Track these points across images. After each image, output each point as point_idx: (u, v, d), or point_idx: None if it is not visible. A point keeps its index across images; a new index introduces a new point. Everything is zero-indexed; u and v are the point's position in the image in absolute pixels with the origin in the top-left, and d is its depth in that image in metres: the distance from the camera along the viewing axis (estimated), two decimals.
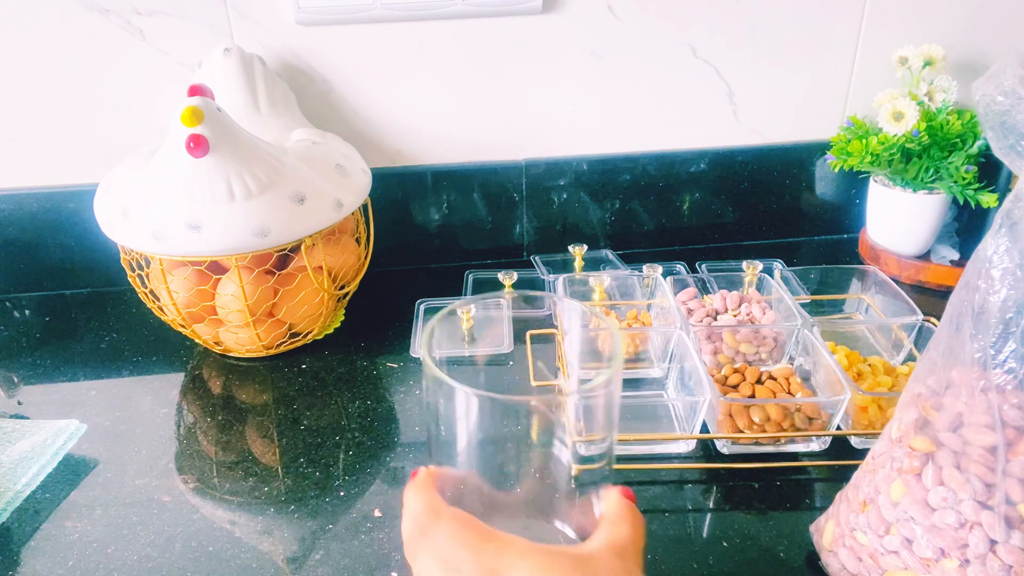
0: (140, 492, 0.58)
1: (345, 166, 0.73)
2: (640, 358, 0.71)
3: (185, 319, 0.71)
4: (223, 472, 0.60)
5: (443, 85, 0.84)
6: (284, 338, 0.74)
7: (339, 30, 0.80)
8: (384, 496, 0.57)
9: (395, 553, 0.52)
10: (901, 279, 0.84)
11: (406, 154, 0.88)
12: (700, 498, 0.56)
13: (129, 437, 0.64)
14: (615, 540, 0.35)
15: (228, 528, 0.55)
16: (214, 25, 0.79)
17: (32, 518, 0.56)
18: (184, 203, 0.63)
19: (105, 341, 0.79)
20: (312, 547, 0.53)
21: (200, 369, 0.74)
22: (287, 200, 0.65)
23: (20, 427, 0.64)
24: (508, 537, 0.33)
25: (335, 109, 0.85)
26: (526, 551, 0.32)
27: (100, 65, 0.80)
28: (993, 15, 0.85)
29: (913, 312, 0.68)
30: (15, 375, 0.70)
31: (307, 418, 0.66)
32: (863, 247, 0.90)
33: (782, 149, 0.91)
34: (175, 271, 0.70)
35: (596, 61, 0.84)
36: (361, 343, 0.76)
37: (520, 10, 0.80)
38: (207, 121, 0.62)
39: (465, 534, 0.33)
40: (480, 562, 0.32)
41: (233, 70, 0.75)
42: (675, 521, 0.54)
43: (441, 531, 0.33)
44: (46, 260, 0.87)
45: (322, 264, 0.72)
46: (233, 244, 0.64)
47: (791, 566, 0.50)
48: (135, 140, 0.82)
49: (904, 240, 0.84)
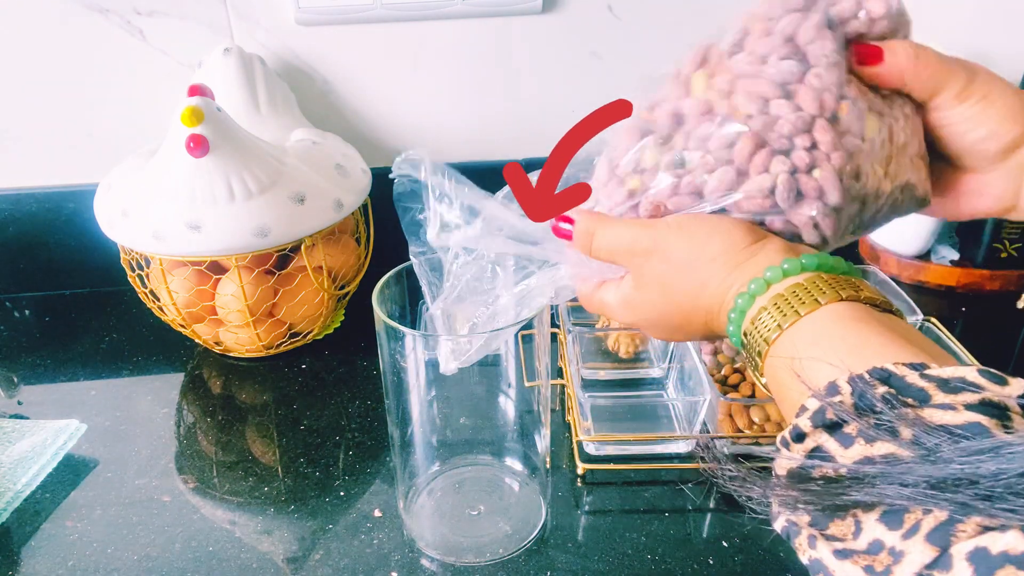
0: (140, 492, 0.58)
1: (345, 166, 0.73)
2: (640, 358, 0.71)
3: (185, 319, 0.71)
4: (223, 472, 0.60)
5: (443, 85, 0.84)
6: (284, 338, 0.74)
7: (339, 30, 0.80)
8: (384, 496, 0.57)
9: (395, 553, 0.52)
10: (901, 279, 0.84)
11: None
12: (700, 498, 0.56)
13: (129, 437, 0.64)
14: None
15: (228, 528, 0.55)
16: (214, 25, 0.79)
17: (32, 518, 0.56)
18: (184, 203, 0.63)
19: (105, 341, 0.79)
20: (312, 547, 0.53)
21: (200, 369, 0.74)
22: (287, 200, 0.65)
23: (20, 427, 0.64)
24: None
25: (335, 109, 0.85)
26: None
27: (100, 65, 0.80)
28: (993, 15, 0.85)
29: (913, 312, 0.68)
30: (15, 375, 0.70)
31: (307, 418, 0.66)
32: (863, 247, 0.90)
33: None
34: (175, 271, 0.70)
35: (596, 61, 0.84)
36: (361, 343, 0.76)
37: (520, 10, 0.80)
38: (207, 121, 0.62)
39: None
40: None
41: (233, 70, 0.75)
42: (675, 521, 0.54)
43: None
44: (46, 260, 0.87)
45: (322, 264, 0.72)
46: (233, 244, 0.64)
47: (792, 566, 0.50)
48: (135, 140, 0.82)
49: (904, 240, 0.84)
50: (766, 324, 0.34)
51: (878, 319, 0.33)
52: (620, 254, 0.40)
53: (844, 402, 0.28)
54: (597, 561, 0.51)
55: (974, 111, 0.39)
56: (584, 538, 0.53)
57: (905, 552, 0.25)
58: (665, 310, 0.40)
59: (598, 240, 0.40)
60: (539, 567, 0.51)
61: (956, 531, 0.24)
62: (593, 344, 0.72)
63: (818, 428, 0.29)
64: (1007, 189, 0.41)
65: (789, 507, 0.29)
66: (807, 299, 0.33)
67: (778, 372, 0.34)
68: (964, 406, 0.26)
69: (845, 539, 0.27)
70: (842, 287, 0.34)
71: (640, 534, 0.53)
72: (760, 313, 0.35)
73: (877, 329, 0.32)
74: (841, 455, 0.28)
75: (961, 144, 0.40)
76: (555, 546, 0.52)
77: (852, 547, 0.27)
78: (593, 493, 0.57)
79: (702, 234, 0.38)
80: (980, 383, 0.27)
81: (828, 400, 0.29)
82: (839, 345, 0.31)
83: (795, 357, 0.32)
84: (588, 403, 0.63)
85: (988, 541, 0.23)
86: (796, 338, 0.33)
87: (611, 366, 0.71)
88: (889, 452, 0.26)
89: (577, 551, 0.52)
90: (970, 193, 0.42)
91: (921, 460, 0.25)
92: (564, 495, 0.57)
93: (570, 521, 0.54)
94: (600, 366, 0.71)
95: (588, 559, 0.51)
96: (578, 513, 0.55)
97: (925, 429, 0.26)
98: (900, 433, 0.26)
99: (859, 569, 0.26)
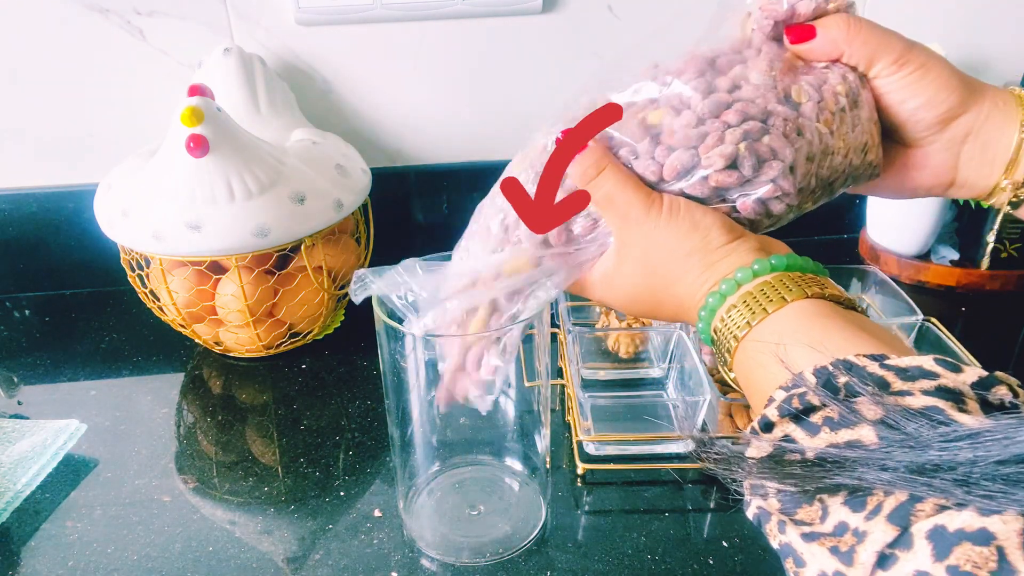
0: (140, 492, 0.58)
1: (345, 166, 0.73)
2: (640, 358, 0.71)
3: (185, 319, 0.71)
4: (223, 472, 0.60)
5: (443, 85, 0.84)
6: (284, 338, 0.74)
7: (339, 30, 0.80)
8: (384, 496, 0.57)
9: (395, 553, 0.52)
10: (901, 279, 0.84)
11: (406, 154, 0.88)
12: (700, 498, 0.56)
13: (129, 437, 0.64)
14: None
15: (228, 528, 0.55)
16: (214, 25, 0.79)
17: (32, 518, 0.56)
18: (184, 203, 0.63)
19: (105, 341, 0.79)
20: (312, 547, 0.53)
21: (200, 369, 0.74)
22: (287, 200, 0.65)
23: (20, 427, 0.64)
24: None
25: (335, 109, 0.85)
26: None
27: (100, 65, 0.80)
28: (993, 15, 0.85)
29: (913, 312, 0.68)
30: (15, 375, 0.70)
31: (307, 418, 0.66)
32: (863, 247, 0.90)
33: None
34: (175, 271, 0.70)
35: (596, 61, 0.84)
36: (361, 343, 0.76)
37: (520, 10, 0.80)
38: (207, 121, 0.62)
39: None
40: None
41: (233, 70, 0.75)
42: (675, 521, 0.54)
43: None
44: (46, 260, 0.87)
45: (322, 264, 0.72)
46: (233, 244, 0.64)
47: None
48: (135, 140, 0.82)
49: (904, 240, 0.84)
50: (735, 321, 0.36)
51: (842, 315, 0.34)
52: (614, 206, 0.41)
53: (809, 392, 0.30)
54: (597, 561, 0.51)
55: (911, 79, 0.42)
56: (584, 538, 0.53)
57: (868, 532, 0.26)
58: (640, 290, 0.41)
59: (604, 177, 0.40)
60: (539, 567, 0.51)
61: (915, 511, 0.25)
62: (593, 344, 0.72)
63: (784, 418, 0.31)
64: (945, 162, 0.44)
65: (760, 494, 0.30)
66: (775, 297, 0.35)
67: (747, 365, 0.36)
68: (922, 392, 0.28)
69: (813, 523, 0.28)
70: (808, 285, 0.36)
71: (640, 534, 0.53)
72: (730, 311, 0.37)
73: (840, 324, 0.33)
74: (808, 443, 0.29)
75: (900, 114, 0.43)
76: (555, 546, 0.52)
77: (819, 530, 0.28)
78: (593, 493, 0.57)
79: (684, 227, 0.39)
80: (936, 371, 0.29)
81: (794, 391, 0.30)
82: (804, 340, 0.33)
83: (779, 344, 0.33)
84: (588, 403, 0.63)
85: (946, 519, 0.24)
86: (764, 334, 0.35)
87: (611, 366, 0.71)
88: (853, 439, 0.28)
89: (577, 551, 0.52)
90: (911, 167, 0.45)
91: (900, 444, 0.26)
92: (564, 495, 0.57)
93: (570, 521, 0.54)
94: (600, 366, 0.71)
95: (588, 559, 0.51)
96: (578, 513, 0.55)
97: (890, 413, 0.27)
98: (864, 418, 0.28)
99: (825, 550, 0.27)
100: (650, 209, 0.40)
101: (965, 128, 0.43)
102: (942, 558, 0.23)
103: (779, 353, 0.33)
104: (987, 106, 0.42)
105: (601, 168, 0.40)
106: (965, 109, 0.42)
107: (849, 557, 0.26)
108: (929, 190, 0.46)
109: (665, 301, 0.41)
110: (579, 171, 0.41)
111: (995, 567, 0.22)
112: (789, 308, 0.35)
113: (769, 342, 0.34)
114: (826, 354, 0.31)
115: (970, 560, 0.23)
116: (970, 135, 0.43)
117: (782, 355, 0.33)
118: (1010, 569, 0.22)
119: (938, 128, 0.43)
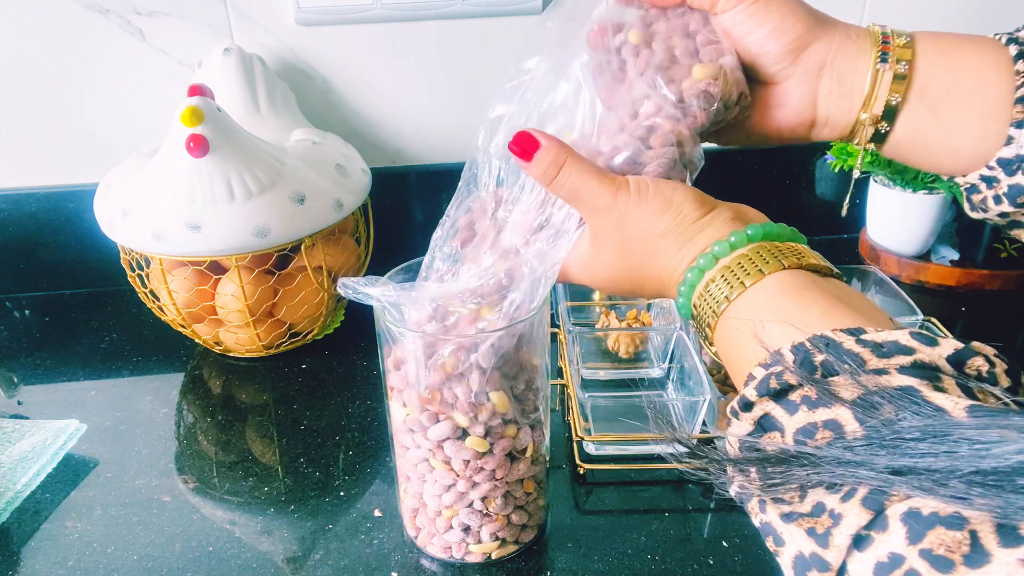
0: (140, 492, 0.58)
1: (345, 166, 0.73)
2: (640, 358, 0.71)
3: (185, 319, 0.71)
4: (223, 472, 0.60)
5: (443, 85, 0.84)
6: (284, 338, 0.74)
7: (339, 30, 0.80)
8: (384, 496, 0.57)
9: (395, 553, 0.52)
10: (901, 279, 0.84)
11: (406, 154, 0.88)
12: (700, 498, 0.56)
13: (129, 437, 0.64)
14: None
15: (228, 528, 0.55)
16: (214, 25, 0.79)
17: (32, 518, 0.56)
18: (184, 203, 0.63)
19: (105, 341, 0.79)
20: (312, 547, 0.53)
21: (200, 369, 0.74)
22: (287, 200, 0.65)
23: (20, 427, 0.64)
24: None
25: (335, 109, 0.85)
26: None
27: (100, 65, 0.80)
28: (993, 15, 0.85)
29: (913, 312, 0.68)
30: (15, 375, 0.70)
31: (307, 418, 0.66)
32: (863, 247, 0.90)
33: (782, 149, 0.91)
34: (175, 271, 0.70)
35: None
36: (361, 343, 0.76)
37: (520, 10, 0.80)
38: (207, 121, 0.62)
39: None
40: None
41: (233, 70, 0.75)
42: (675, 521, 0.54)
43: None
44: (46, 260, 0.87)
45: (322, 264, 0.72)
46: (233, 244, 0.64)
47: None
48: (135, 140, 0.82)
49: (904, 240, 0.84)
50: (714, 296, 0.36)
51: (820, 285, 0.34)
52: (581, 199, 0.41)
53: (787, 371, 0.30)
54: (597, 561, 0.51)
55: (754, 8, 0.42)
56: (584, 538, 0.53)
57: (843, 515, 0.26)
58: (620, 272, 0.42)
59: (567, 171, 0.40)
60: (539, 567, 0.51)
61: (889, 495, 0.25)
62: (593, 344, 0.72)
63: (764, 396, 0.31)
64: (804, 96, 0.44)
65: (742, 471, 0.30)
66: (752, 270, 0.35)
67: (727, 341, 0.36)
68: (897, 369, 0.28)
69: (792, 503, 0.28)
70: (785, 256, 0.36)
71: (640, 534, 0.53)
72: (708, 285, 0.37)
73: (817, 295, 0.34)
74: (787, 422, 0.29)
75: (751, 47, 0.43)
76: (555, 546, 0.52)
77: (798, 510, 0.28)
78: (593, 493, 0.57)
79: (656, 207, 0.39)
80: (912, 345, 0.29)
81: (772, 369, 0.31)
82: (782, 314, 0.33)
83: (755, 319, 0.34)
84: (588, 403, 0.63)
85: (920, 503, 0.24)
86: (743, 309, 0.35)
87: (611, 366, 0.71)
88: (831, 418, 0.28)
89: (577, 551, 0.52)
90: (772, 106, 0.45)
91: (878, 441, 0.26)
92: (564, 495, 0.57)
93: (570, 521, 0.54)
94: (600, 366, 0.71)
95: (588, 559, 0.51)
96: (578, 513, 0.55)
97: (866, 394, 0.27)
98: (840, 398, 0.28)
99: (802, 531, 0.27)
100: (617, 195, 0.40)
101: (818, 60, 0.42)
102: (916, 541, 0.24)
103: (757, 331, 0.33)
104: (839, 37, 0.42)
105: (560, 164, 0.40)
106: (813, 38, 0.42)
107: (825, 540, 0.26)
108: (793, 130, 0.45)
109: (646, 279, 0.41)
110: (539, 172, 0.41)
111: (968, 551, 0.23)
112: (767, 280, 0.35)
113: (747, 319, 0.34)
114: (804, 330, 0.31)
115: (943, 544, 0.23)
116: (824, 68, 0.43)
117: (760, 332, 0.32)
118: (983, 553, 0.22)
119: (790, 59, 0.42)
